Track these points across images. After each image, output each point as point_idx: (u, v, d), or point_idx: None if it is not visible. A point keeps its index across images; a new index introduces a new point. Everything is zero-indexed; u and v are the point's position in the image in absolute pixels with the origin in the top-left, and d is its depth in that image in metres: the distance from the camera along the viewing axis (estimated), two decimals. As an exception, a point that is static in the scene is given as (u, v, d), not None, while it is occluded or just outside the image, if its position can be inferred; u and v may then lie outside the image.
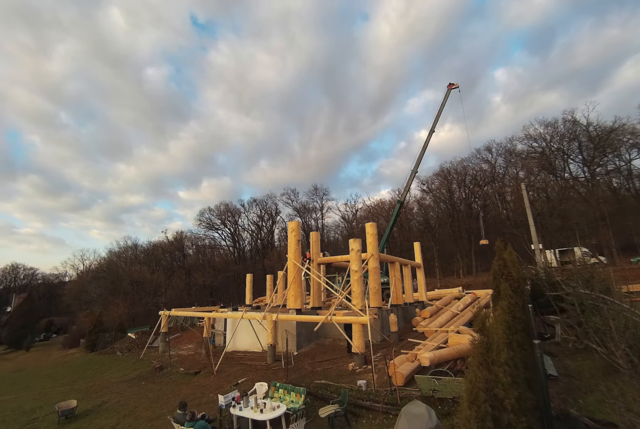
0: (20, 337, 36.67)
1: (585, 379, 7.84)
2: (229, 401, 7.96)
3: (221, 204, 54.79)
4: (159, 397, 11.78)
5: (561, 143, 34.74)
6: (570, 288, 9.42)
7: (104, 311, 31.97)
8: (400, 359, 9.96)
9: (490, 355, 4.53)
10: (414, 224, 46.15)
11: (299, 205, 52.89)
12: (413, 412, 5.24)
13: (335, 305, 15.64)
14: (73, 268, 63.27)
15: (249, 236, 55.44)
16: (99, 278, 41.94)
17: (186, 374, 14.18)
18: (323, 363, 12.53)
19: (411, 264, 20.99)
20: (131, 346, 23.87)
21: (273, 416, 7.09)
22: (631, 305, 7.60)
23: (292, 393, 8.41)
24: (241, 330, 16.45)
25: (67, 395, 13.68)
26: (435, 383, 7.59)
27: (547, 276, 11.85)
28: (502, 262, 7.85)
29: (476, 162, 40.86)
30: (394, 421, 6.23)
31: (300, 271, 15.97)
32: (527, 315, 6.62)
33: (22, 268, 69.86)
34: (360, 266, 15.03)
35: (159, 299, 35.19)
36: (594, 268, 10.39)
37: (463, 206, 40.20)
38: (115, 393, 13.47)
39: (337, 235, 53.46)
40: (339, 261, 19.56)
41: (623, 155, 32.41)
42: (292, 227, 16.21)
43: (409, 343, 13.53)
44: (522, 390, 4.53)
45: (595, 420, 5.83)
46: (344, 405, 7.56)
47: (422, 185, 44.29)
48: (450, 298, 20.87)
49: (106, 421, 10.26)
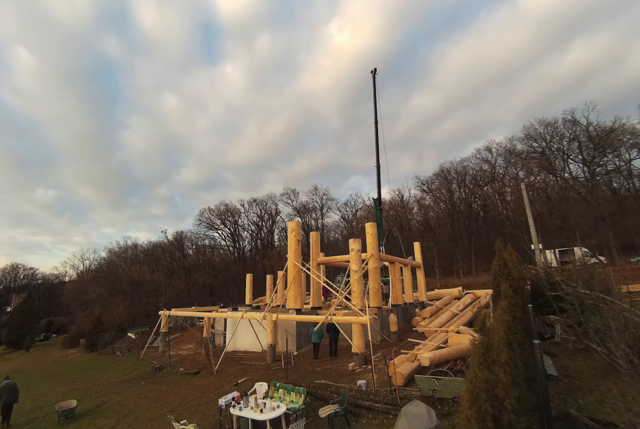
0: (20, 337, 36.61)
1: (585, 379, 7.84)
2: (228, 401, 7.96)
3: (221, 204, 54.87)
4: (159, 397, 11.77)
5: (561, 143, 34.76)
6: (570, 288, 9.42)
7: (104, 311, 31.96)
8: (400, 359, 9.95)
9: (491, 355, 4.53)
10: (414, 224, 46.16)
11: (298, 205, 52.97)
12: (413, 412, 5.24)
13: (335, 305, 15.65)
14: (73, 268, 63.36)
15: (249, 236, 55.51)
16: (98, 278, 41.94)
17: (186, 374, 14.18)
18: (323, 363, 12.53)
19: (411, 264, 20.99)
20: (131, 346, 23.87)
21: (273, 416, 7.09)
22: (631, 305, 7.59)
23: (292, 393, 8.40)
24: (241, 330, 16.45)
25: (67, 395, 13.68)
26: (435, 383, 7.59)
27: (547, 276, 11.83)
28: (502, 262, 7.83)
29: (476, 162, 40.90)
30: (393, 421, 6.22)
31: (300, 271, 15.97)
32: (527, 315, 6.62)
33: (22, 268, 69.93)
34: (360, 266, 15.03)
35: (159, 299, 35.16)
36: (594, 268, 10.37)
37: (463, 206, 40.18)
38: (115, 393, 13.47)
39: (337, 235, 53.50)
40: (338, 261, 19.56)
41: (623, 155, 32.43)
42: (292, 227, 16.22)
43: (409, 343, 13.53)
44: (522, 390, 4.53)
45: (595, 420, 5.83)
46: (343, 405, 7.55)
47: (422, 185, 44.35)
48: (450, 298, 20.88)
49: (106, 421, 10.26)
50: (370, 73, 26.01)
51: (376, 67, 26.04)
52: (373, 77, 25.77)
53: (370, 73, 26.04)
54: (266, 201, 54.16)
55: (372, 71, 25.96)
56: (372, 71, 25.92)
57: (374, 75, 25.80)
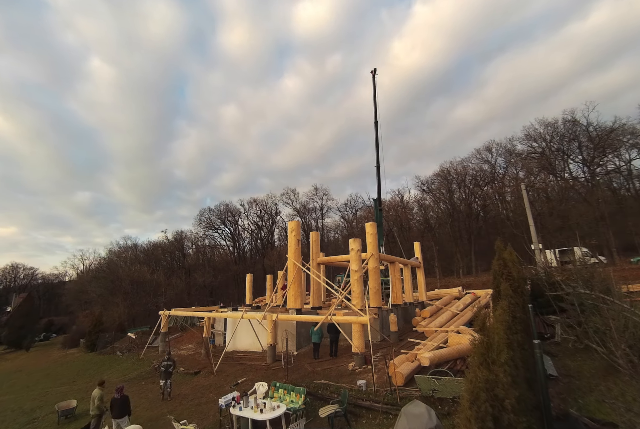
0: (20, 337, 36.59)
1: (585, 379, 7.84)
2: (228, 401, 7.96)
3: (221, 204, 54.92)
4: (159, 397, 11.77)
5: (561, 143, 34.76)
6: (570, 288, 9.42)
7: (104, 311, 31.95)
8: (400, 359, 9.95)
9: (491, 355, 4.53)
10: (414, 224, 46.15)
11: (298, 205, 52.98)
12: (413, 412, 5.24)
13: (335, 305, 15.65)
14: (73, 268, 63.44)
15: (249, 236, 55.52)
16: (98, 278, 41.89)
17: (186, 374, 14.18)
18: (323, 363, 12.53)
19: (411, 264, 20.99)
20: (131, 346, 23.87)
21: (273, 416, 7.09)
22: (631, 305, 7.60)
23: (292, 393, 8.41)
24: (241, 330, 16.45)
25: (67, 395, 13.67)
26: (435, 383, 7.59)
27: (547, 276, 11.83)
28: (502, 262, 7.82)
29: (476, 162, 40.92)
30: (393, 421, 6.22)
31: (300, 271, 15.97)
32: (527, 315, 6.61)
33: (22, 268, 69.97)
34: (360, 266, 15.03)
35: (158, 299, 35.15)
36: (594, 268, 10.39)
37: (463, 206, 40.16)
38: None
39: (337, 235, 53.50)
40: (338, 261, 19.56)
41: (623, 155, 32.42)
42: (292, 227, 16.22)
43: (409, 343, 13.53)
44: (522, 390, 4.52)
45: (595, 420, 5.83)
46: (343, 405, 7.55)
47: (422, 185, 44.36)
48: (450, 298, 20.88)
49: (106, 421, 10.25)
50: (370, 73, 26.00)
51: (376, 67, 26.06)
52: (373, 77, 25.75)
53: (370, 73, 26.04)
54: (266, 201, 54.27)
55: (372, 71, 25.95)
56: (372, 71, 25.91)
57: (373, 76, 25.78)
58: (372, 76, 25.83)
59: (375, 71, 25.90)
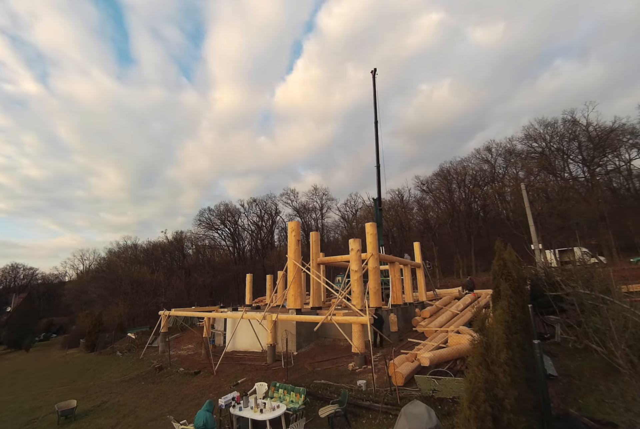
0: (20, 337, 36.58)
1: (585, 379, 7.84)
2: (228, 401, 7.97)
3: (221, 204, 54.90)
4: (158, 397, 11.78)
5: (561, 143, 34.79)
6: (570, 288, 9.41)
7: (104, 311, 32.00)
8: (400, 359, 9.96)
9: (490, 355, 4.53)
10: (414, 224, 46.16)
11: (298, 205, 52.98)
12: (413, 412, 5.24)
13: (335, 305, 15.64)
14: (73, 268, 63.51)
15: (249, 236, 55.51)
16: (98, 278, 41.92)
17: (186, 374, 14.18)
18: (323, 363, 12.53)
19: (411, 264, 20.99)
20: (131, 346, 23.87)
21: (273, 416, 7.10)
22: (631, 305, 7.59)
23: (292, 393, 8.41)
24: (241, 330, 16.45)
25: (67, 395, 13.66)
26: (435, 383, 7.59)
27: (547, 276, 11.83)
28: (502, 262, 7.82)
29: (476, 162, 40.96)
30: (393, 421, 6.23)
31: (300, 271, 15.97)
32: (526, 315, 6.61)
33: (22, 268, 70.02)
34: (360, 266, 15.03)
35: (158, 299, 35.15)
36: (594, 268, 10.37)
37: (463, 206, 40.19)
38: (115, 393, 13.47)
39: (337, 235, 53.48)
40: (338, 261, 19.56)
41: (623, 155, 32.46)
42: (292, 227, 16.22)
43: (409, 343, 13.53)
44: (521, 390, 4.52)
45: (595, 420, 5.83)
46: (343, 405, 7.55)
47: (422, 185, 44.36)
48: (450, 298, 20.88)
49: (106, 421, 10.26)
50: (370, 73, 26.00)
51: (376, 67, 26.06)
52: (373, 77, 25.76)
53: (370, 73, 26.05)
54: (266, 201, 54.28)
55: (372, 71, 25.94)
56: (372, 71, 25.91)
57: (373, 76, 25.79)
58: (372, 76, 25.84)
59: (375, 71, 25.90)
